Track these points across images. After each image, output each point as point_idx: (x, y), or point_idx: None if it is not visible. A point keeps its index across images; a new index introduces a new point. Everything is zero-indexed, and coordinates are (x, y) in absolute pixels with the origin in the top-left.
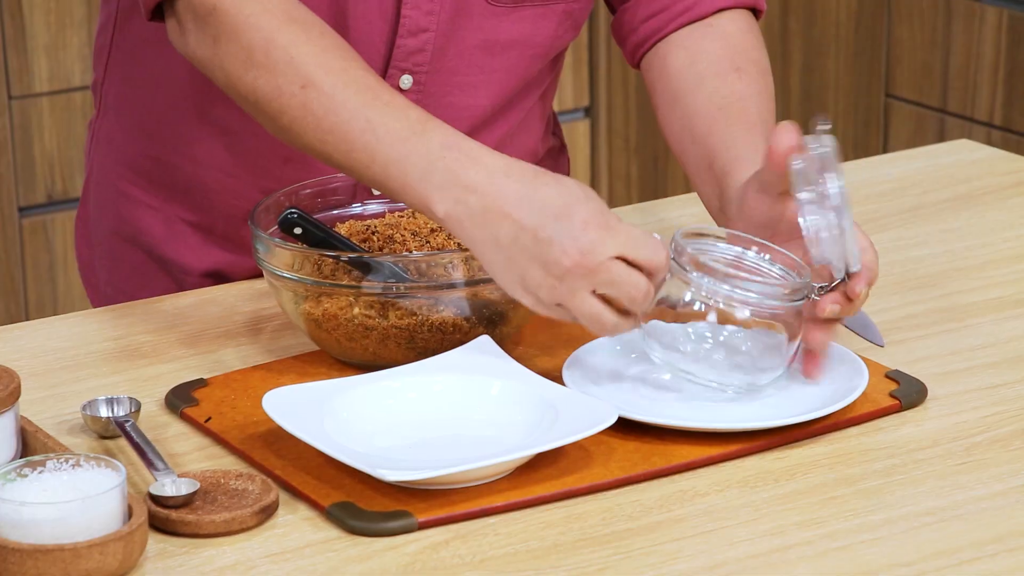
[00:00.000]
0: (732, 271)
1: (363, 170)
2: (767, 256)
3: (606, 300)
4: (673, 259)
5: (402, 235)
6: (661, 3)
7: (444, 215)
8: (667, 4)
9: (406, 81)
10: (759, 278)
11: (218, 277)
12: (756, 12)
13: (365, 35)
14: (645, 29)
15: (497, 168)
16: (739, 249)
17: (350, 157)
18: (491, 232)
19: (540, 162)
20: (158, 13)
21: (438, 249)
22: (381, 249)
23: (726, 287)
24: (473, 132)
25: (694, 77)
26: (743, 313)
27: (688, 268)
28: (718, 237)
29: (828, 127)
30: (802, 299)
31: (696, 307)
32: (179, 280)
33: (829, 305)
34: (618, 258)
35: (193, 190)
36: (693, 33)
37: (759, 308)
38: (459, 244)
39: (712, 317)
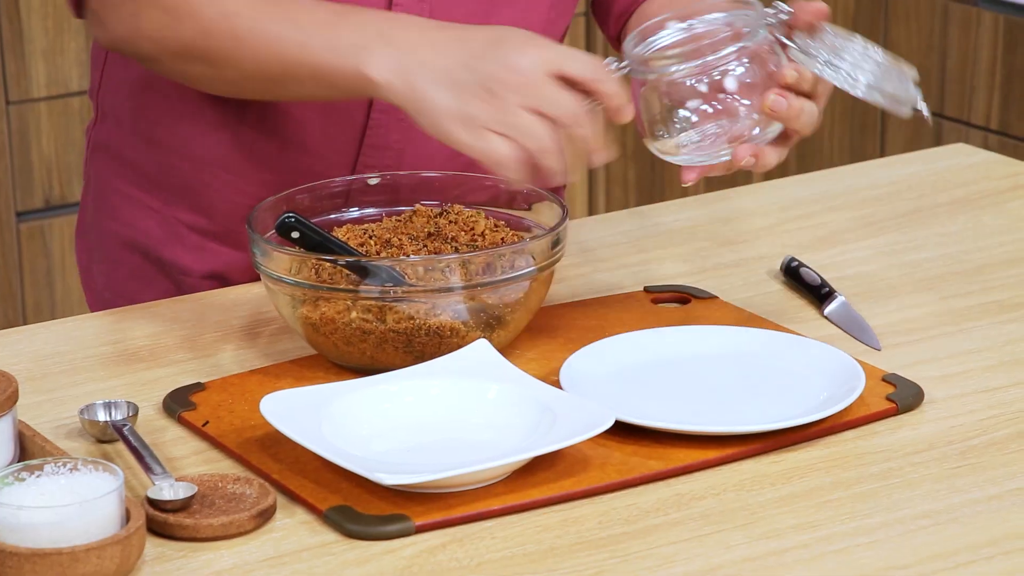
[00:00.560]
0: (701, 43)
1: (299, 70)
2: (706, 17)
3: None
4: (645, 63)
5: (399, 239)
6: None
7: (381, 79)
8: None
9: None
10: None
11: (218, 278)
12: None
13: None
14: (624, 1)
15: (428, 25)
16: (683, 24)
17: (285, 64)
18: (430, 81)
19: None
20: (83, 10)
21: (435, 253)
22: (378, 253)
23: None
24: None
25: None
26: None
27: (671, 59)
28: (659, 27)
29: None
30: (766, 22)
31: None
32: (178, 282)
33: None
34: (555, 77)
35: (193, 190)
36: None
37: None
38: (457, 248)
39: (731, 83)
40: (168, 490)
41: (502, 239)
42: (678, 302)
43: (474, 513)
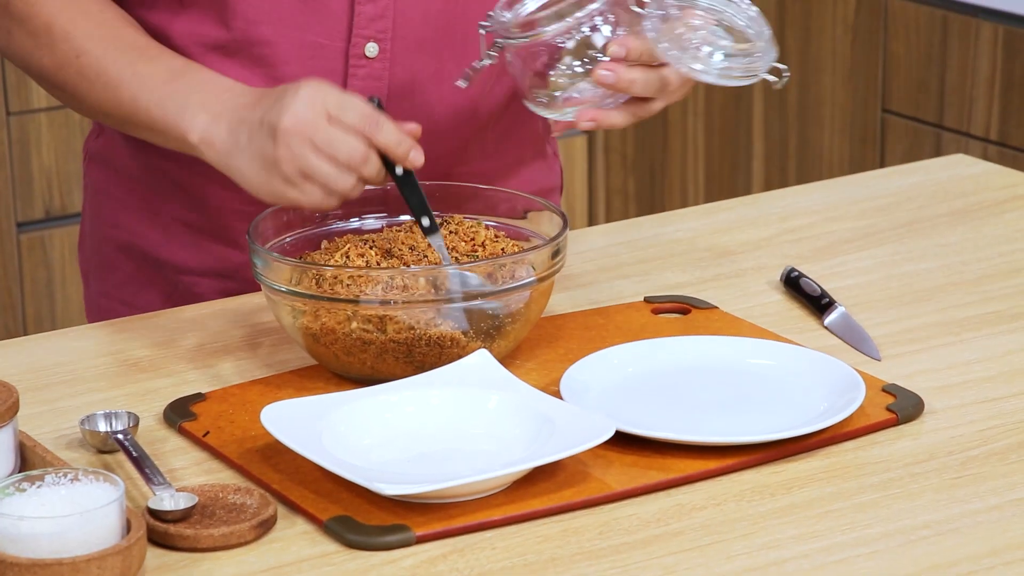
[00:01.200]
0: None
1: (134, 119)
2: None
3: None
4: (509, 30)
5: (400, 249)
6: None
7: (197, 141)
8: None
9: (372, 49)
10: None
11: (215, 275)
12: None
13: (324, 4)
14: None
15: (242, 91)
16: None
17: (122, 110)
18: (235, 142)
19: (539, 159)
20: None
21: (436, 263)
22: (379, 263)
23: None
24: (461, 114)
25: None
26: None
27: (541, 25)
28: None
29: None
30: None
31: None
32: (175, 282)
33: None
34: (333, 121)
35: (184, 189)
36: None
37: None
38: (457, 258)
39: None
40: (169, 500)
41: (502, 249)
42: (678, 312)
43: (474, 523)
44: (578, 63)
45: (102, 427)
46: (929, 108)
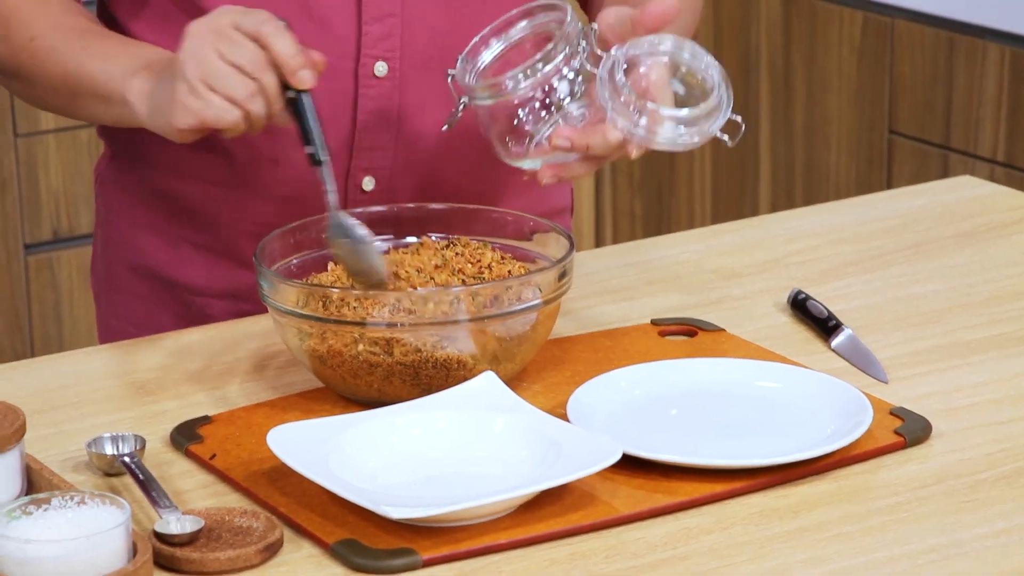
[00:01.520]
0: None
1: (80, 88)
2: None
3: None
4: (471, 91)
5: (406, 271)
6: None
7: (135, 97)
8: None
9: (381, 68)
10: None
11: (227, 297)
12: None
13: (331, 25)
14: None
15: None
16: (499, 43)
17: (69, 82)
18: (155, 84)
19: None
20: None
21: (443, 285)
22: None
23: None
24: (472, 133)
25: None
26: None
27: (487, 90)
28: (480, 46)
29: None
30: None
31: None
32: (187, 303)
33: (559, 139)
34: (237, 28)
35: (195, 210)
36: None
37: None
38: (464, 280)
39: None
40: (175, 524)
41: (509, 271)
42: (685, 335)
43: (481, 547)
44: (543, 112)
45: (109, 450)
46: (936, 129)
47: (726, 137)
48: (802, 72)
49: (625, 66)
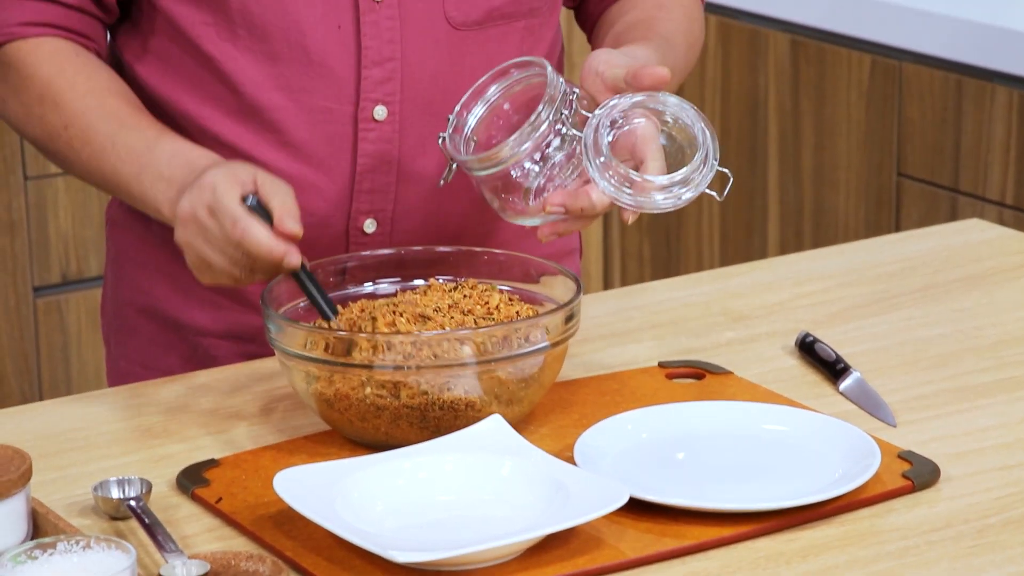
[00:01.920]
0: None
1: (117, 190)
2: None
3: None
4: (464, 162)
5: (414, 314)
6: None
7: (169, 214)
8: None
9: (380, 112)
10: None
11: (234, 338)
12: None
13: (330, 69)
14: (597, 11)
15: (192, 169)
16: (481, 107)
17: (107, 180)
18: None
19: None
20: None
21: (451, 328)
22: (393, 328)
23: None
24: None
25: (618, 11)
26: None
27: (478, 161)
28: (467, 106)
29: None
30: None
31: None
32: (194, 344)
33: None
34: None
35: None
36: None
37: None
38: (476, 321)
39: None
40: (181, 568)
41: (516, 313)
42: (693, 377)
43: None
44: (536, 173)
45: (115, 493)
46: (944, 172)
47: (714, 192)
48: (810, 115)
49: (610, 125)
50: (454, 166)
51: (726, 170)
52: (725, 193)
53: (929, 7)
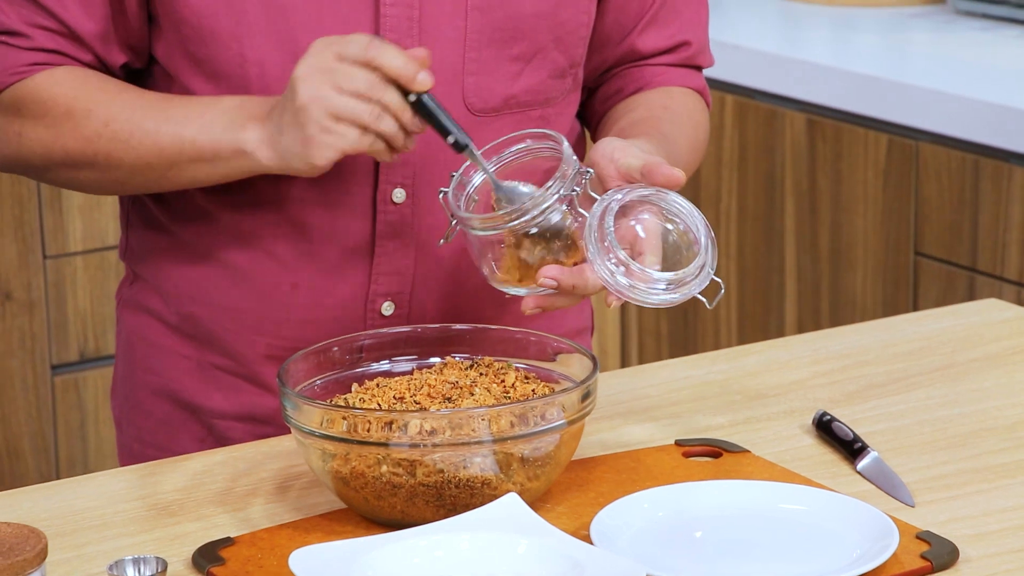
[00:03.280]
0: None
1: (182, 156)
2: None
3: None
4: (464, 220)
5: (430, 393)
6: (618, 85)
7: (254, 148)
8: (622, 85)
9: (399, 195)
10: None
11: (250, 420)
12: (703, 96)
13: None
14: (602, 109)
15: (267, 98)
16: (491, 166)
17: (165, 154)
18: (277, 129)
19: None
20: None
21: (466, 407)
22: (408, 406)
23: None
24: None
25: (623, 108)
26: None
27: (478, 222)
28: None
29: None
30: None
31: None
32: (210, 426)
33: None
34: (343, 59)
35: (216, 336)
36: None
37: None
38: (497, 399)
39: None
40: None
41: (533, 391)
42: (710, 456)
43: None
44: (530, 242)
45: (130, 572)
46: (962, 252)
47: (705, 299)
48: (827, 194)
49: (616, 210)
50: (454, 223)
51: (719, 280)
52: (715, 302)
53: (945, 88)
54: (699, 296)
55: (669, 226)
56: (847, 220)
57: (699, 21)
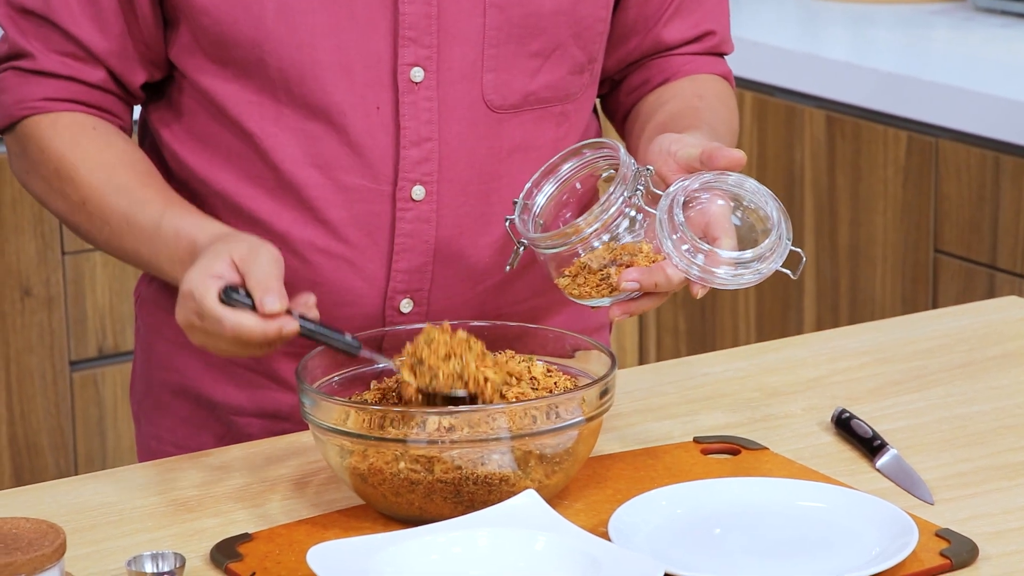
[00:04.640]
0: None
1: (140, 266)
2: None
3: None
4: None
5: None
6: (644, 76)
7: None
8: (649, 76)
9: (419, 192)
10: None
11: (269, 417)
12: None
13: (368, 149)
14: (629, 100)
15: (193, 251)
16: (551, 185)
17: (128, 255)
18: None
19: None
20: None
21: (482, 403)
22: (428, 400)
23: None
24: (509, 253)
25: (655, 101)
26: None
27: (545, 240)
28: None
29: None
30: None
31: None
32: (229, 423)
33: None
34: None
35: None
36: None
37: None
38: (519, 393)
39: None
40: None
41: (555, 383)
42: (728, 453)
43: None
44: (604, 250)
45: (148, 568)
46: (982, 249)
47: (788, 271)
48: (847, 191)
49: (683, 200)
50: (520, 250)
51: (799, 250)
52: (799, 271)
53: (965, 85)
54: (782, 269)
55: (737, 207)
56: (866, 217)
57: (721, 9)
